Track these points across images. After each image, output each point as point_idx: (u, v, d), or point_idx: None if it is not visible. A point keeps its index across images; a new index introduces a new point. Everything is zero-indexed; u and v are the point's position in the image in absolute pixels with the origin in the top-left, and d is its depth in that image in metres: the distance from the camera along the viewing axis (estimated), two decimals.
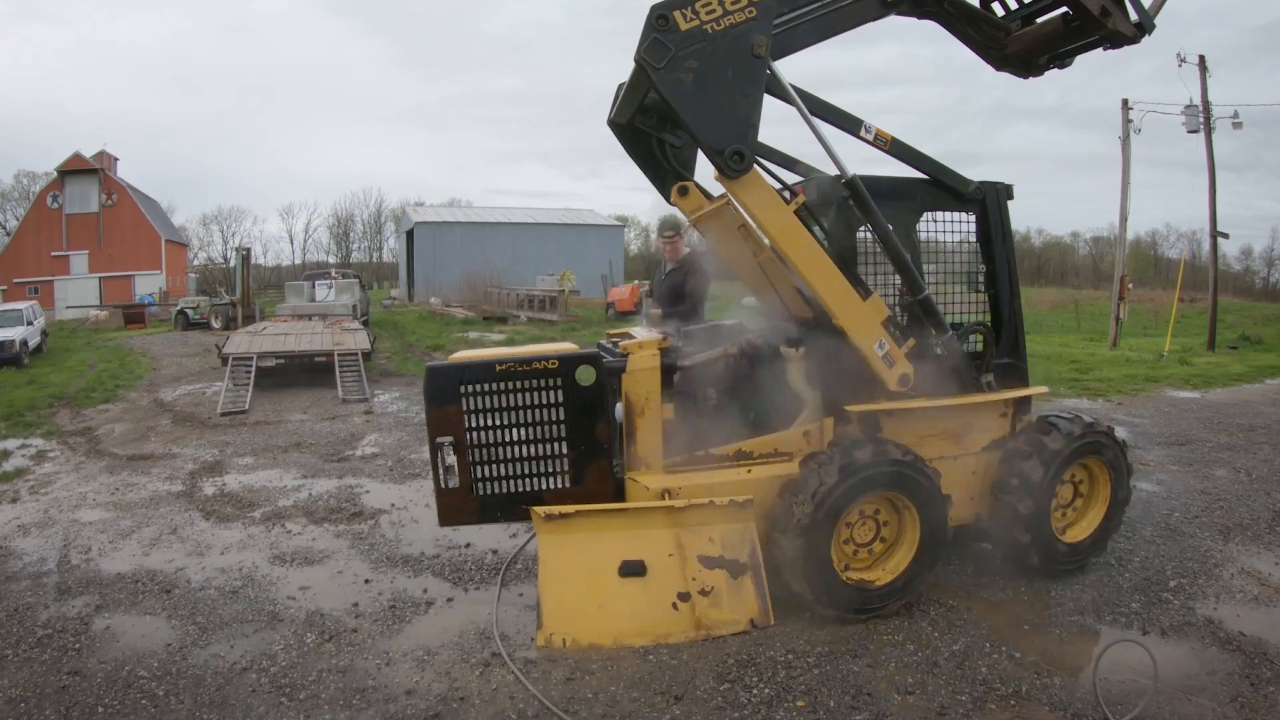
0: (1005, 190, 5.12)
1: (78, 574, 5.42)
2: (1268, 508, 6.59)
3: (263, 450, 9.06)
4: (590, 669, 4.03)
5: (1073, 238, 74.69)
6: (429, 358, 16.02)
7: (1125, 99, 20.92)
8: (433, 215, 43.87)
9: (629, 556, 4.37)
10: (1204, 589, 4.99)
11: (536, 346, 5.02)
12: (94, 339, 23.98)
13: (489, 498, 4.73)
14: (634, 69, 4.18)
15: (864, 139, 4.62)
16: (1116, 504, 5.23)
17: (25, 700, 3.83)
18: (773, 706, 3.72)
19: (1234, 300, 41.27)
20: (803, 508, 4.35)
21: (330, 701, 3.80)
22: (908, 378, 4.64)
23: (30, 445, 9.58)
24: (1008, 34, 5.01)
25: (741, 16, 3.96)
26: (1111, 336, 20.80)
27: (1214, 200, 20.90)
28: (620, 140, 5.21)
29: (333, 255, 70.38)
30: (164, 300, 35.98)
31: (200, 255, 62.75)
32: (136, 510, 6.84)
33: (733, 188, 4.27)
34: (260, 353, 13.27)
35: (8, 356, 16.82)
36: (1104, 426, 5.19)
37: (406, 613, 4.77)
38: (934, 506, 4.59)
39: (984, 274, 5.17)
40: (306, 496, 7.22)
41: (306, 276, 27.16)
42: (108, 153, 43.69)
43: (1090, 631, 4.49)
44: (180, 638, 4.47)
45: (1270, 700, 3.76)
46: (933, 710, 3.70)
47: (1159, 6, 4.81)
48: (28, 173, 56.45)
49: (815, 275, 4.44)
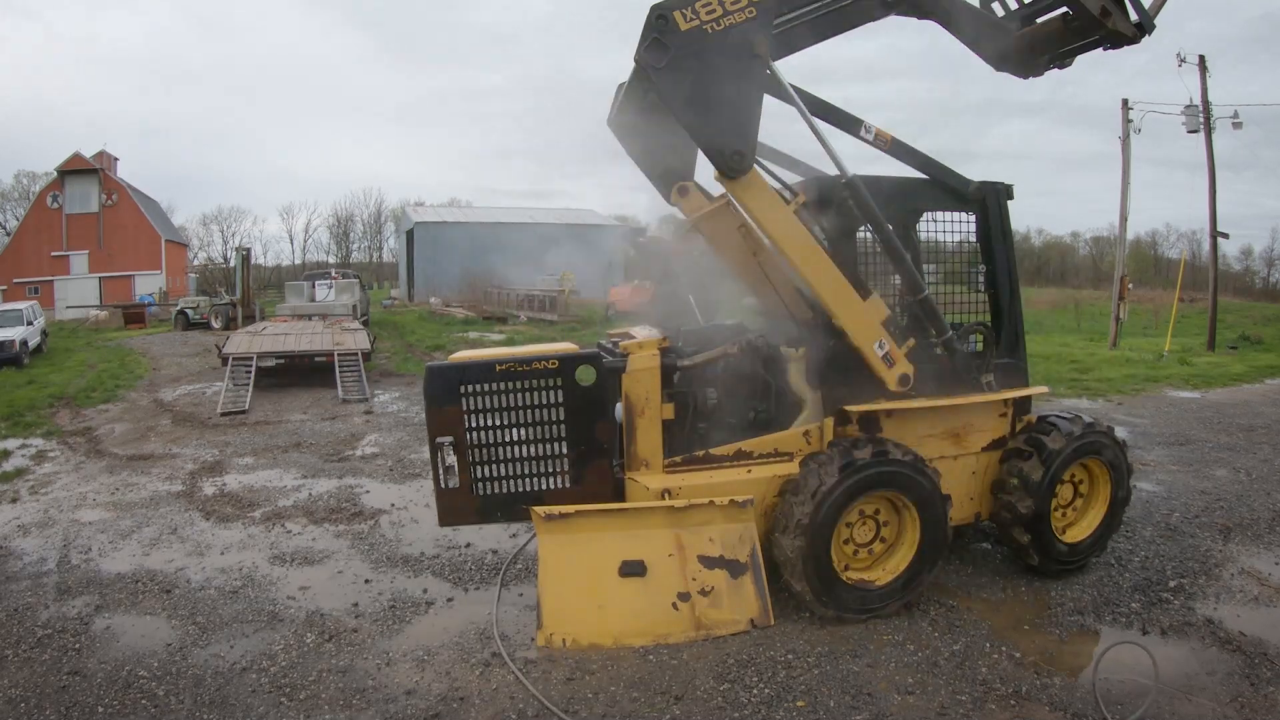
0: (1005, 190, 5.12)
1: (78, 574, 5.42)
2: (1268, 508, 6.58)
3: (263, 450, 9.06)
4: (590, 669, 4.03)
5: (1073, 238, 74.67)
6: (429, 358, 16.02)
7: (1125, 99, 20.90)
8: (433, 215, 43.84)
9: (629, 556, 4.37)
10: (1204, 589, 4.99)
11: (536, 346, 5.02)
12: (94, 339, 23.97)
13: (489, 498, 4.73)
14: (634, 69, 4.19)
15: (864, 139, 4.63)
16: (1116, 504, 5.23)
17: (25, 700, 3.84)
18: (773, 706, 3.72)
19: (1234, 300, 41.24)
20: (803, 508, 4.35)
21: (330, 701, 3.81)
22: (907, 378, 4.65)
23: (30, 445, 9.58)
24: (1008, 34, 5.01)
25: (741, 16, 3.96)
26: (1111, 336, 20.79)
27: (1214, 200, 20.89)
28: (620, 140, 5.21)
29: (333, 255, 70.34)
30: (164, 300, 35.95)
31: (200, 255, 62.72)
32: (136, 510, 6.84)
33: (733, 188, 4.27)
34: (260, 353, 13.28)
35: (8, 356, 16.82)
36: (1104, 426, 5.19)
37: (406, 613, 4.77)
38: (934, 506, 4.59)
39: (984, 274, 5.18)
40: (306, 496, 7.22)
41: (306, 276, 27.13)
42: (108, 153, 43.68)
43: (1090, 631, 4.49)
44: (180, 638, 4.47)
45: (1270, 700, 3.76)
46: (933, 710, 3.70)
47: (1159, 6, 4.82)
48: (28, 173, 56.42)
49: (815, 275, 4.45)
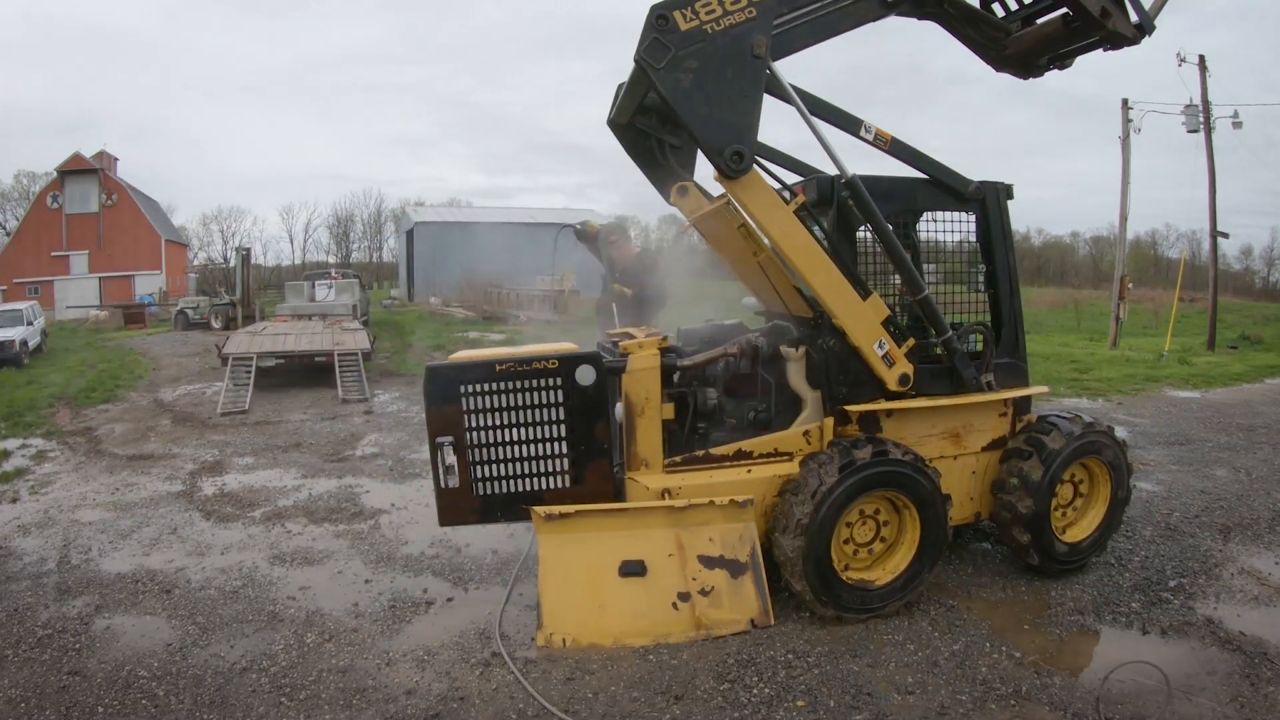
0: (1005, 190, 5.12)
1: (78, 574, 5.41)
2: (1268, 507, 6.58)
3: (263, 450, 9.06)
4: (590, 669, 4.03)
5: (1073, 237, 74.73)
6: (429, 358, 16.02)
7: (1125, 99, 20.95)
8: (433, 215, 43.80)
9: (629, 556, 4.37)
10: (1204, 589, 4.99)
11: (536, 346, 5.01)
12: (94, 339, 23.96)
13: (489, 498, 4.73)
14: (634, 69, 4.19)
15: (864, 139, 4.62)
16: (1116, 504, 5.23)
17: (25, 700, 3.83)
18: (773, 706, 3.72)
19: (1234, 300, 41.27)
20: (803, 508, 4.35)
21: (330, 701, 3.81)
22: (907, 377, 4.65)
23: (30, 445, 9.58)
24: (1007, 35, 5.01)
25: (741, 16, 3.96)
26: (1111, 336, 20.81)
27: (1214, 200, 20.91)
28: (620, 140, 5.22)
29: (333, 255, 70.29)
30: (164, 300, 35.94)
31: (200, 255, 62.70)
32: (136, 510, 6.84)
33: (732, 188, 4.27)
34: (260, 353, 13.28)
35: (8, 356, 16.80)
36: (1104, 426, 5.19)
37: (406, 613, 4.77)
38: (934, 506, 4.59)
39: (984, 274, 5.18)
40: (306, 496, 7.22)
41: (306, 276, 27.09)
42: (108, 153, 43.69)
43: (1090, 631, 4.49)
44: (180, 638, 4.47)
45: (1270, 700, 3.76)
46: (933, 710, 3.70)
47: (1159, 7, 4.82)
48: (28, 173, 56.39)
49: (815, 275, 4.45)
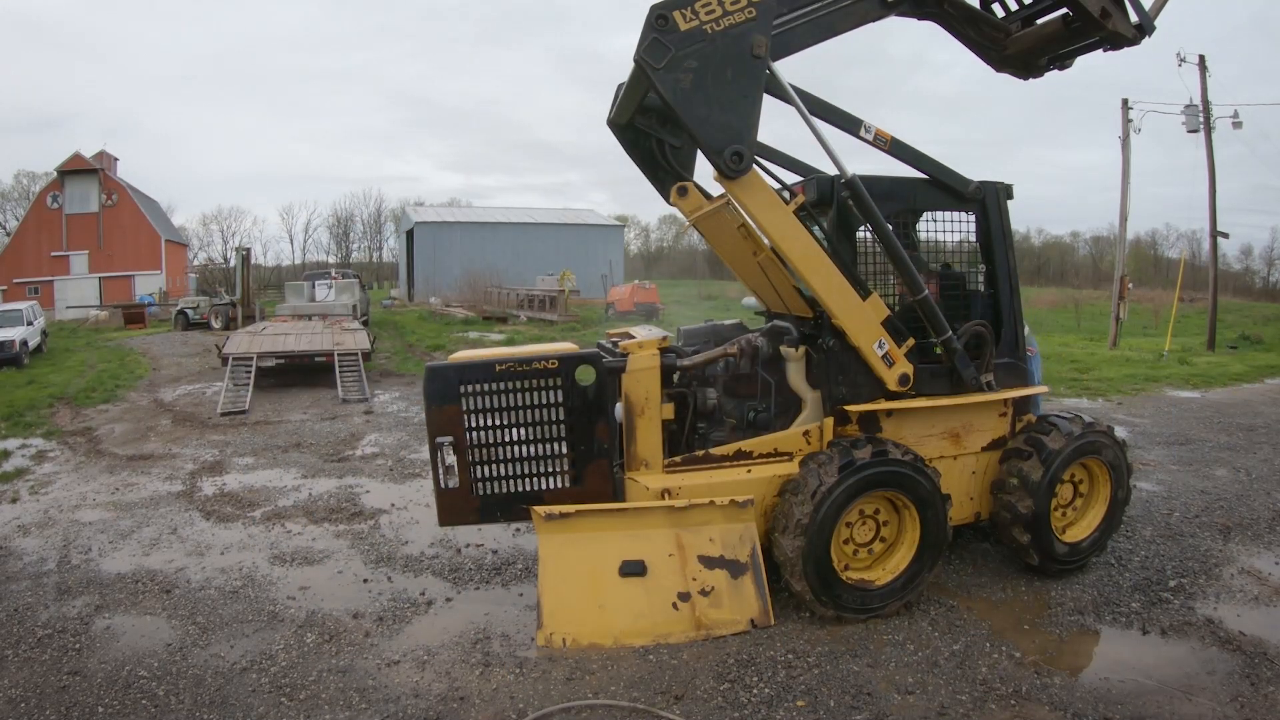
0: (1005, 190, 5.12)
1: (78, 574, 5.42)
2: (1268, 507, 6.58)
3: (263, 450, 9.06)
4: (590, 669, 4.03)
5: (1073, 237, 74.75)
6: (429, 358, 16.03)
7: (1125, 99, 20.93)
8: (433, 215, 43.80)
9: (629, 556, 4.37)
10: (1204, 589, 4.99)
11: (536, 346, 5.02)
12: (94, 339, 23.96)
13: (489, 497, 4.73)
14: (633, 69, 4.19)
15: (864, 139, 4.62)
16: (1116, 504, 5.23)
17: (25, 700, 3.83)
18: (773, 706, 3.72)
19: (1234, 300, 41.28)
20: (803, 508, 4.35)
21: (330, 701, 3.81)
22: (907, 377, 4.65)
23: (30, 445, 9.58)
24: (1008, 35, 5.01)
25: (741, 17, 3.96)
26: (1111, 336, 20.81)
27: (1214, 200, 20.90)
28: (620, 140, 5.22)
29: (333, 255, 70.36)
30: (164, 300, 35.93)
31: (200, 255, 62.68)
32: (136, 510, 6.84)
33: (732, 188, 4.27)
34: (260, 353, 13.28)
35: (8, 356, 16.82)
36: (1104, 426, 5.19)
37: (406, 613, 4.77)
38: (934, 506, 4.59)
39: (984, 274, 5.18)
40: (306, 496, 7.22)
41: (306, 276, 27.13)
42: (108, 153, 43.67)
43: (1090, 631, 4.49)
44: (180, 638, 4.47)
45: (1270, 700, 3.76)
46: (933, 710, 3.70)
47: (1159, 7, 4.82)
48: (28, 173, 56.43)
49: (815, 275, 4.45)
